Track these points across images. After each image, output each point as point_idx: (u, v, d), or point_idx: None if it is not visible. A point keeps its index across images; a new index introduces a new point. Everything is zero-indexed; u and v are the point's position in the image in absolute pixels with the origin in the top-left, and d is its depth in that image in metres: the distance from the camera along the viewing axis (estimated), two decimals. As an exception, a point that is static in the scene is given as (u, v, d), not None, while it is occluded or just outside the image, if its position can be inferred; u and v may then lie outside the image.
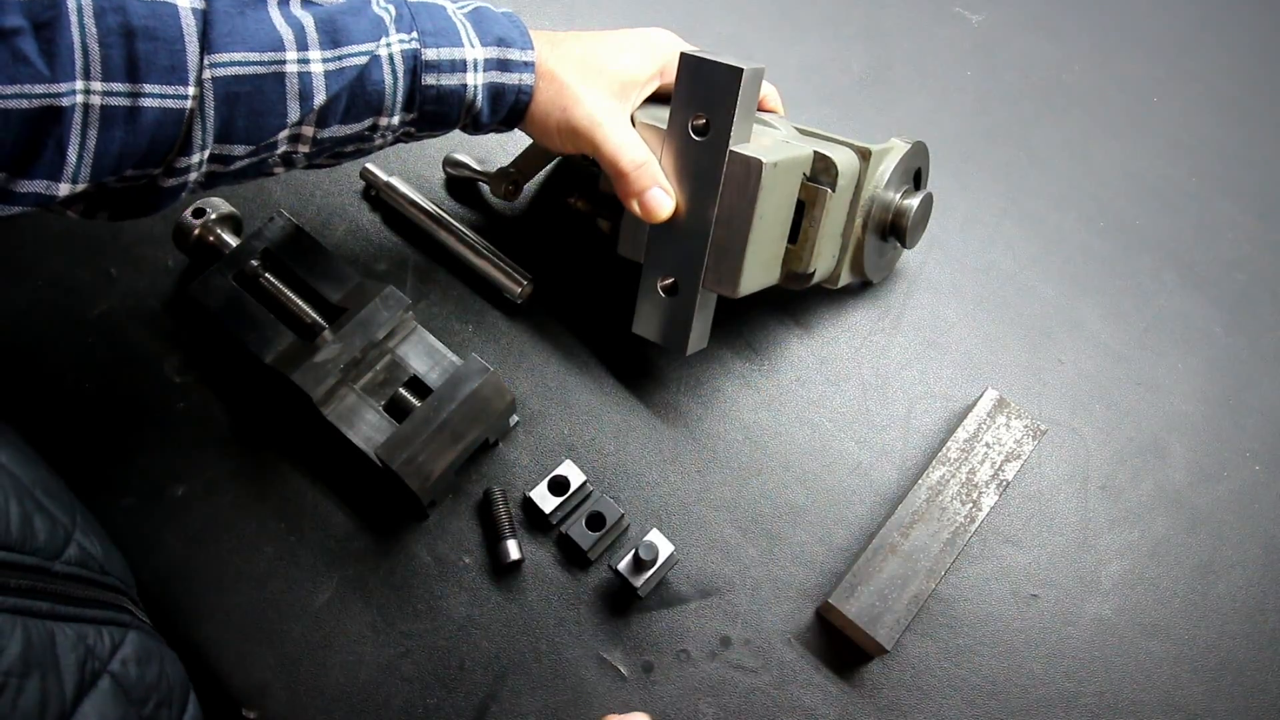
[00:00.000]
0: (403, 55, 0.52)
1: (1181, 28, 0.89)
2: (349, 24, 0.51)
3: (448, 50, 0.54)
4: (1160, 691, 0.62)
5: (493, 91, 0.56)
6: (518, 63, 0.57)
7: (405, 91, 0.53)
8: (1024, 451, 0.65)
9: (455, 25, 0.55)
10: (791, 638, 0.63)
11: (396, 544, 0.65)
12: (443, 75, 0.54)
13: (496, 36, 0.56)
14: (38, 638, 0.42)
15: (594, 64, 0.59)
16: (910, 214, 0.66)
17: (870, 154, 0.63)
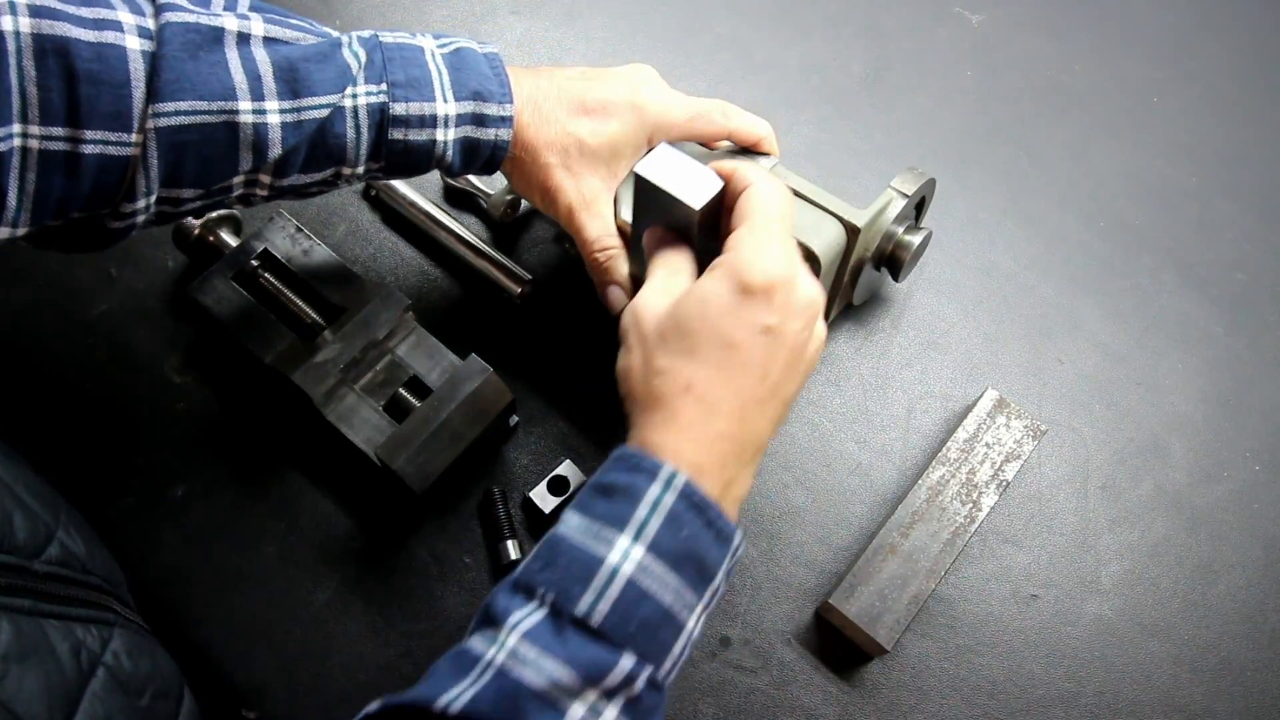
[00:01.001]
0: (368, 109, 0.50)
1: (1181, 28, 0.89)
2: (312, 73, 0.48)
3: (417, 105, 0.51)
4: (1160, 691, 0.62)
5: (466, 146, 0.54)
6: (494, 118, 0.53)
7: (370, 144, 0.51)
8: (1024, 451, 0.65)
9: (430, 76, 0.51)
10: (791, 638, 0.63)
11: (396, 544, 0.65)
12: (411, 130, 0.51)
13: (473, 90, 0.52)
14: (28, 628, 0.42)
15: (577, 137, 0.56)
16: (910, 250, 0.65)
17: (859, 230, 0.62)
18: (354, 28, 0.83)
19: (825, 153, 0.80)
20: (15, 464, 0.52)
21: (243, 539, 0.64)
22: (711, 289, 0.44)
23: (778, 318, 0.44)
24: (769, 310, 0.44)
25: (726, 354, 0.44)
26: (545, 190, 0.58)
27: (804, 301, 0.45)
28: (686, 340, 0.44)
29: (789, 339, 0.45)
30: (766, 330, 0.44)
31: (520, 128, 0.55)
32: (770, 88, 0.83)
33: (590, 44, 0.84)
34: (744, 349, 0.44)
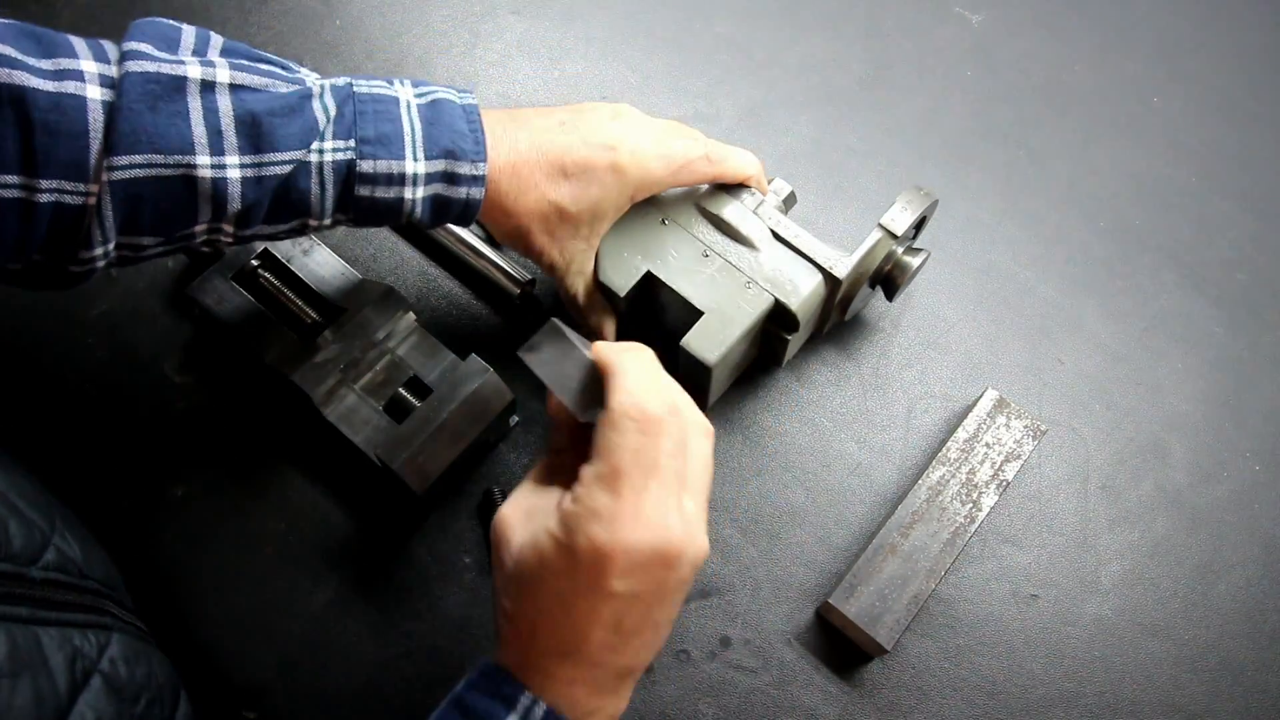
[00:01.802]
0: (334, 165, 0.48)
1: (1181, 28, 0.89)
2: (276, 127, 0.47)
3: (385, 164, 0.49)
4: (1160, 691, 0.62)
5: (437, 203, 0.52)
6: (466, 177, 0.51)
7: (335, 199, 0.50)
8: (1024, 451, 0.65)
9: (401, 132, 0.49)
10: (791, 638, 0.63)
11: (396, 544, 0.65)
12: (378, 188, 0.50)
13: (445, 148, 0.50)
14: (22, 639, 0.41)
15: (557, 205, 0.55)
16: (908, 272, 0.65)
17: (841, 282, 0.63)
18: (354, 27, 0.84)
19: (825, 153, 0.80)
20: (9, 470, 0.51)
21: (243, 539, 0.64)
22: (545, 550, 0.42)
23: (623, 584, 0.40)
24: (607, 580, 0.40)
25: (566, 617, 0.41)
26: (526, 251, 0.58)
27: (657, 558, 0.41)
28: (526, 593, 0.42)
29: (643, 598, 0.41)
30: (609, 597, 0.40)
31: (498, 194, 0.54)
32: (770, 88, 0.83)
33: (590, 44, 0.84)
34: (583, 616, 0.41)
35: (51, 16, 0.82)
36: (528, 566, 0.42)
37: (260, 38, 0.82)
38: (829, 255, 0.63)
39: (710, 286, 0.62)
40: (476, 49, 0.83)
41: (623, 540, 0.40)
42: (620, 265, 0.62)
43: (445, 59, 0.82)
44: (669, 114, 0.80)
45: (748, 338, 0.62)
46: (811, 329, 0.68)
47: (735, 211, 0.63)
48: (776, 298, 0.61)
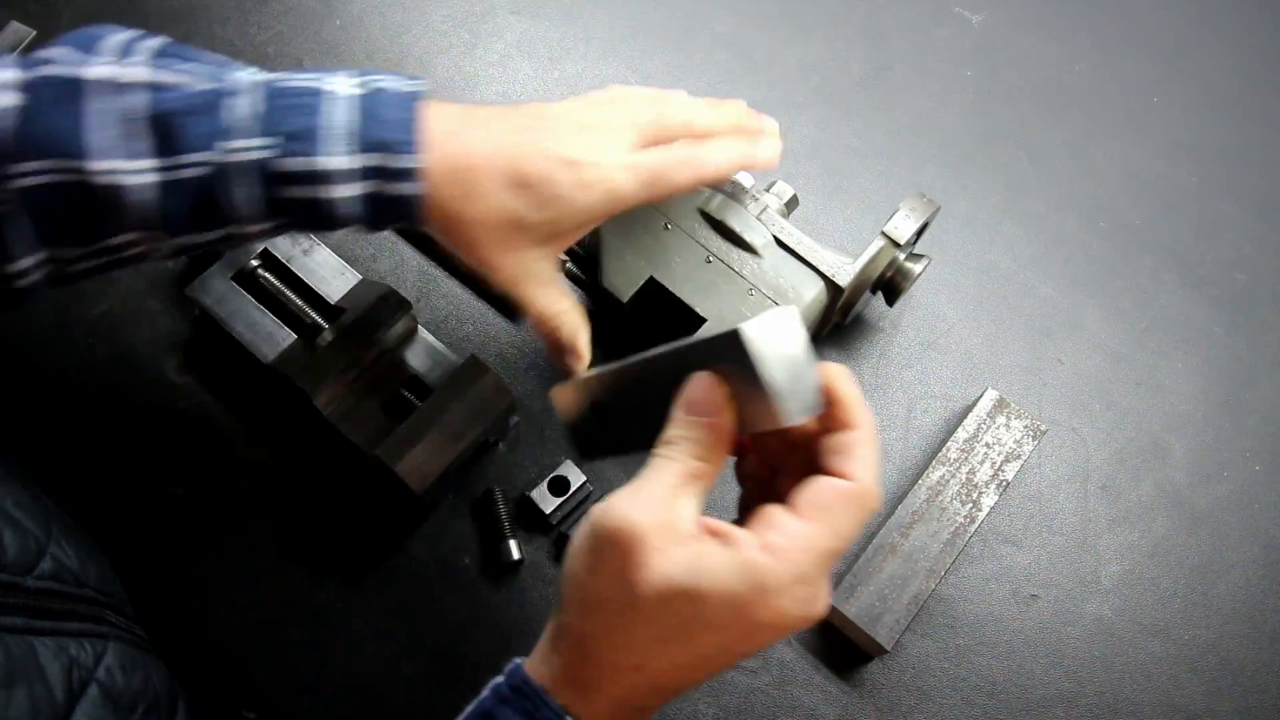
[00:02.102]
0: (252, 165, 0.44)
1: (1181, 28, 0.89)
2: (187, 126, 0.43)
3: (306, 160, 0.44)
4: (1160, 691, 0.62)
5: (375, 203, 0.46)
6: (398, 171, 0.45)
7: (259, 202, 0.45)
8: (1024, 451, 0.65)
9: (326, 125, 0.45)
10: (791, 638, 0.63)
11: (396, 544, 0.65)
12: (303, 187, 0.45)
13: (376, 140, 0.45)
14: (18, 650, 0.41)
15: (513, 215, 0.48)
16: (911, 278, 0.65)
17: (843, 290, 0.63)
18: (354, 27, 0.84)
19: (825, 153, 0.80)
20: (5, 479, 0.51)
21: (243, 538, 0.64)
22: (716, 605, 0.36)
23: (763, 644, 0.38)
24: (761, 641, 0.37)
25: (696, 659, 0.37)
26: (479, 263, 0.49)
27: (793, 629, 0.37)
28: (669, 629, 0.36)
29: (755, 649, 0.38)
30: (747, 652, 0.38)
31: (442, 200, 0.47)
32: (770, 88, 0.83)
33: (590, 44, 0.84)
34: (714, 660, 0.38)
35: (52, 16, 0.82)
36: (676, 605, 0.36)
37: (260, 38, 0.82)
38: (832, 262, 0.63)
39: (712, 293, 0.62)
40: (476, 49, 0.83)
41: (806, 615, 0.36)
42: (623, 270, 0.62)
43: (445, 59, 0.82)
44: (669, 114, 0.80)
45: None
46: (812, 333, 0.68)
47: (739, 217, 0.63)
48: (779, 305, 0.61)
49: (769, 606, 0.35)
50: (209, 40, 0.82)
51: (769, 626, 0.36)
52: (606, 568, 0.37)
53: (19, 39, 0.81)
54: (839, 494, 0.37)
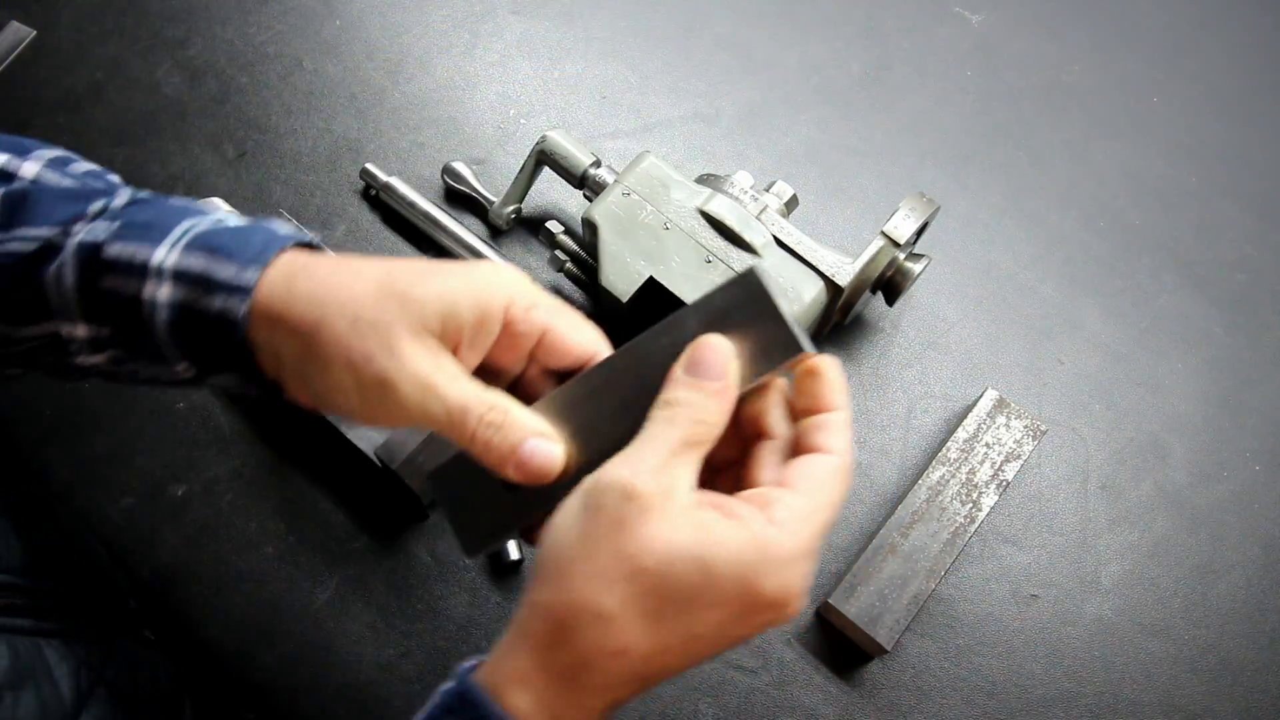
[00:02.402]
0: (80, 246, 0.39)
1: (1181, 28, 0.89)
2: (43, 205, 0.41)
3: (132, 248, 0.39)
4: (1160, 691, 0.62)
5: (184, 313, 0.39)
6: (225, 283, 0.38)
7: (77, 289, 0.39)
8: (1024, 451, 0.65)
9: (172, 225, 0.40)
10: (791, 638, 0.63)
11: (396, 544, 0.65)
12: (119, 278, 0.39)
13: (212, 245, 0.39)
14: (25, 651, 0.41)
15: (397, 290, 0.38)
16: (910, 277, 0.65)
17: (843, 290, 0.63)
18: (354, 27, 0.84)
19: (825, 153, 0.80)
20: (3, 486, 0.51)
21: (243, 539, 0.64)
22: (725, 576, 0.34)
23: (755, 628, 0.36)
24: (756, 623, 0.35)
25: (687, 640, 0.35)
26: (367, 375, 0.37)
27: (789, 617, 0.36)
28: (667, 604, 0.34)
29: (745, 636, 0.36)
30: (739, 637, 0.36)
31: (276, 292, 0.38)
32: (770, 88, 0.83)
33: (590, 44, 0.84)
34: (704, 642, 0.35)
35: (52, 16, 0.83)
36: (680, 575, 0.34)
37: (260, 38, 0.82)
38: (831, 262, 0.63)
39: None
40: (476, 49, 0.83)
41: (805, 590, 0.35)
42: (623, 270, 0.62)
43: (445, 59, 0.82)
44: (669, 114, 0.81)
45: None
46: (812, 333, 0.68)
47: (738, 217, 0.63)
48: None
49: (778, 578, 0.34)
50: (209, 40, 0.82)
51: (771, 605, 0.34)
52: (601, 536, 0.34)
53: (19, 39, 0.81)
54: (832, 469, 0.37)
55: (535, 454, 0.38)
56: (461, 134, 0.79)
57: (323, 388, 0.38)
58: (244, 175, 0.77)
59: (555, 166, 0.71)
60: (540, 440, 0.38)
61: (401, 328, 0.37)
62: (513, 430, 0.38)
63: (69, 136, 0.77)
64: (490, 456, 0.38)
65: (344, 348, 0.37)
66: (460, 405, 0.38)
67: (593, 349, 0.41)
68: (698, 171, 0.71)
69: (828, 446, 0.37)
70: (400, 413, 0.37)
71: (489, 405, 0.38)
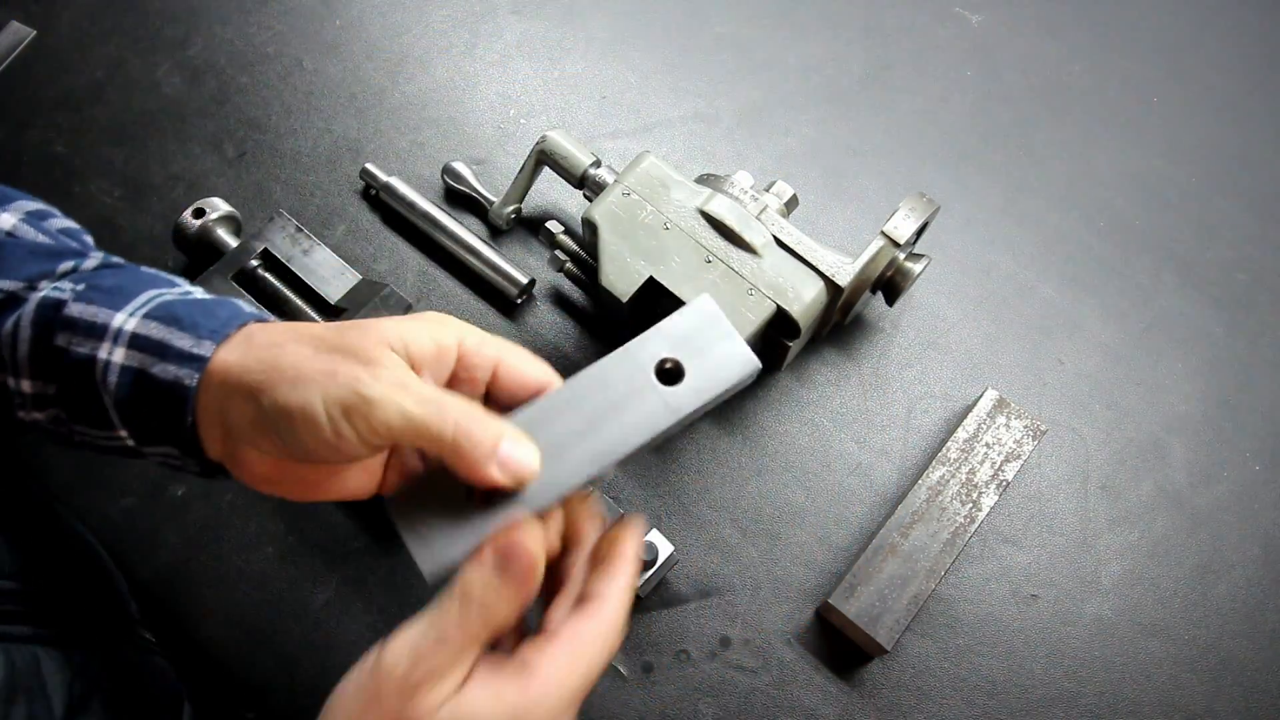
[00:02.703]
0: (41, 303, 0.40)
1: (1181, 28, 0.89)
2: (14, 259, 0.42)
3: (94, 310, 0.40)
4: (1160, 691, 0.62)
5: (137, 380, 0.39)
6: (179, 352, 0.39)
7: (30, 345, 0.40)
8: (1024, 451, 0.65)
9: (138, 293, 0.41)
10: (791, 638, 0.63)
11: (396, 544, 0.65)
12: (76, 339, 0.39)
13: (174, 315, 0.40)
14: (22, 663, 0.41)
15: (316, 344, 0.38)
16: (911, 278, 0.65)
17: (843, 290, 0.63)
18: (354, 27, 0.84)
19: (825, 153, 0.80)
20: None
21: (243, 539, 0.64)
22: None
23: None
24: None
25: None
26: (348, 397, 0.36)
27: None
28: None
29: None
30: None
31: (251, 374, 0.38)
32: (770, 88, 0.83)
33: (590, 44, 0.84)
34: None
35: (52, 17, 0.83)
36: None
37: (260, 38, 0.82)
38: (831, 262, 0.63)
39: (712, 293, 0.62)
40: (476, 49, 0.83)
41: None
42: (623, 270, 0.62)
43: (445, 59, 0.82)
44: (669, 114, 0.81)
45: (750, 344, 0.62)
46: (812, 333, 0.68)
47: (738, 217, 0.63)
48: (778, 305, 0.61)
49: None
50: (209, 40, 0.82)
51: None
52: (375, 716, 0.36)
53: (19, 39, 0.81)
54: (598, 633, 0.37)
55: (515, 450, 0.37)
56: (461, 134, 0.79)
57: (285, 425, 0.37)
58: (244, 175, 0.77)
59: (555, 166, 0.71)
60: (518, 439, 0.38)
61: (371, 342, 0.37)
62: (490, 428, 0.37)
63: (69, 136, 0.77)
64: (469, 457, 0.37)
65: (308, 371, 0.37)
66: (437, 400, 0.37)
67: (545, 380, 0.41)
68: (698, 171, 0.71)
69: (605, 596, 0.38)
70: (374, 421, 0.36)
71: (466, 406, 0.37)
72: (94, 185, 0.76)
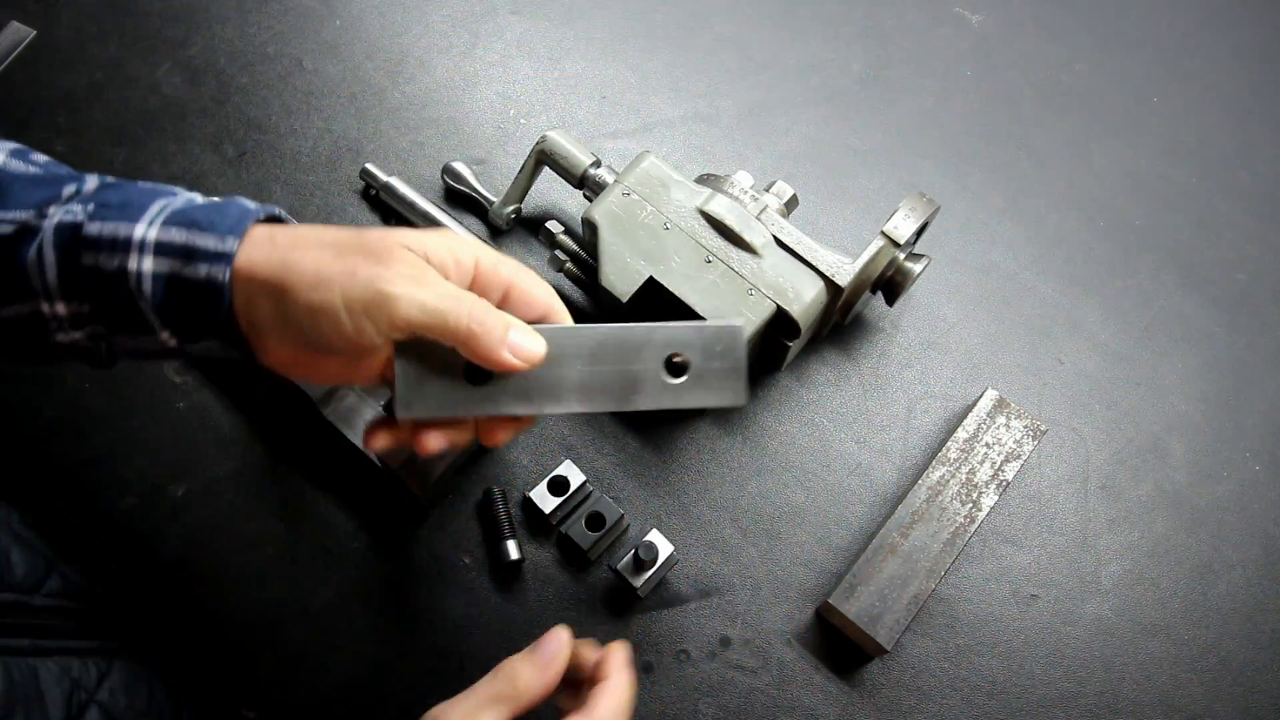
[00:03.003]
0: (59, 227, 0.42)
1: (1181, 28, 0.89)
2: (15, 189, 0.43)
3: (113, 225, 0.42)
4: (1160, 691, 0.62)
5: (171, 284, 0.42)
6: (207, 252, 0.41)
7: (57, 269, 0.42)
8: (1024, 451, 0.65)
9: (149, 204, 0.43)
10: (791, 638, 0.63)
11: (396, 544, 0.65)
12: (102, 255, 0.41)
13: (191, 219, 0.42)
14: (20, 675, 0.41)
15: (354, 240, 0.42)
16: (911, 277, 0.66)
17: (843, 290, 0.63)
18: (354, 27, 0.84)
19: (825, 153, 0.80)
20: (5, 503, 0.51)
21: (243, 539, 0.64)
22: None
23: None
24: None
25: None
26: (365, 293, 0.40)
27: None
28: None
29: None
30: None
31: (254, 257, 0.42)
32: (770, 88, 0.83)
33: (590, 44, 0.84)
34: None
35: (52, 17, 0.82)
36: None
37: (260, 38, 0.82)
38: (831, 262, 0.63)
39: (712, 293, 0.62)
40: (476, 49, 0.83)
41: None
42: (623, 270, 0.62)
43: (445, 59, 0.82)
44: (669, 114, 0.81)
45: (750, 344, 0.62)
46: (812, 333, 0.68)
47: (738, 217, 0.63)
48: (779, 305, 0.61)
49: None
50: (209, 40, 0.82)
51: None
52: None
53: (19, 39, 0.81)
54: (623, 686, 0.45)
55: (525, 338, 0.42)
56: (461, 134, 0.79)
57: (309, 322, 0.40)
58: (244, 175, 0.77)
59: (555, 166, 0.71)
60: (526, 330, 0.42)
61: (390, 243, 0.41)
62: (501, 317, 0.42)
63: (69, 136, 0.77)
64: (483, 341, 0.41)
65: (329, 273, 0.40)
66: (454, 294, 0.41)
67: (550, 305, 0.46)
68: (698, 171, 0.71)
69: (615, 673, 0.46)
70: (395, 315, 0.40)
71: (478, 300, 0.42)
72: (94, 185, 0.76)
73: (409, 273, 0.41)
